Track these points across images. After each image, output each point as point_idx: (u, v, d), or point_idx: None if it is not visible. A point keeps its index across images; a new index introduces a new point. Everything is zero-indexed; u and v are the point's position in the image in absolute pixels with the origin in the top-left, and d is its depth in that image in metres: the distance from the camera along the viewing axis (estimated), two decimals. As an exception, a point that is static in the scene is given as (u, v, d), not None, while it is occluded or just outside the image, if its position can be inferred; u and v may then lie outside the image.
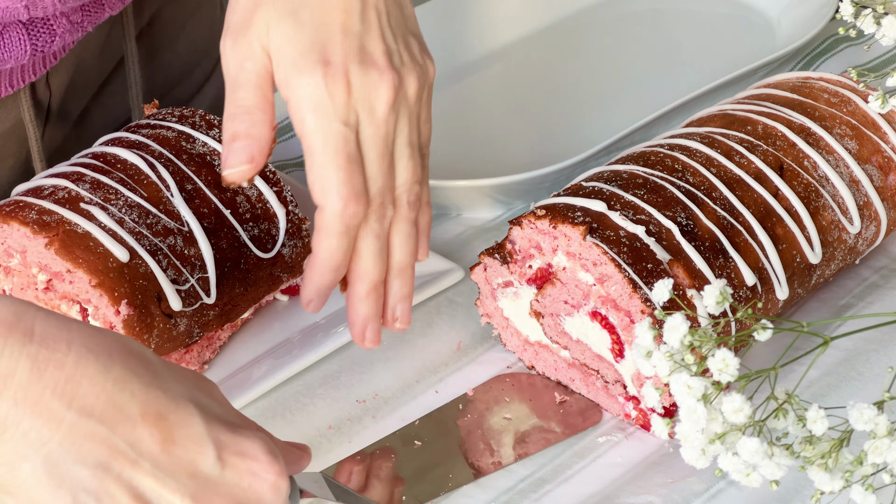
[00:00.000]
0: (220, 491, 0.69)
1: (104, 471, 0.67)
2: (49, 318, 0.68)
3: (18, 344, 0.67)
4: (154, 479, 0.68)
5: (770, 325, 0.70)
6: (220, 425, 0.70)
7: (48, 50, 1.00)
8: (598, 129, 1.14)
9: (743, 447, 0.68)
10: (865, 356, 0.94)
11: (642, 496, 0.86)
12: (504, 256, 0.93)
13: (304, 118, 0.83)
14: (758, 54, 1.17)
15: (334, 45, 0.84)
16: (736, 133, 0.96)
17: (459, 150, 1.15)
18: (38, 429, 0.66)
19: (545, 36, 1.27)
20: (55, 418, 0.67)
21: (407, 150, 0.85)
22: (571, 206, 0.91)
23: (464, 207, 1.09)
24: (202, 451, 0.69)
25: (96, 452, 0.67)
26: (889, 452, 0.68)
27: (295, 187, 1.07)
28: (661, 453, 0.88)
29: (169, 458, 0.68)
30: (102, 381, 0.67)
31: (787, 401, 0.70)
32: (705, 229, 0.90)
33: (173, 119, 0.99)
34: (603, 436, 0.90)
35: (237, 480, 0.70)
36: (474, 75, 1.23)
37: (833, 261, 0.95)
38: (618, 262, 0.87)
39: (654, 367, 0.70)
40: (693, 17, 1.29)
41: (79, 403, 0.67)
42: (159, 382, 0.69)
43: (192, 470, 0.69)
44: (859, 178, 0.96)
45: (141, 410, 0.68)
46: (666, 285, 0.72)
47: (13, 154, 1.07)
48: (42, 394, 0.66)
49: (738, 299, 0.89)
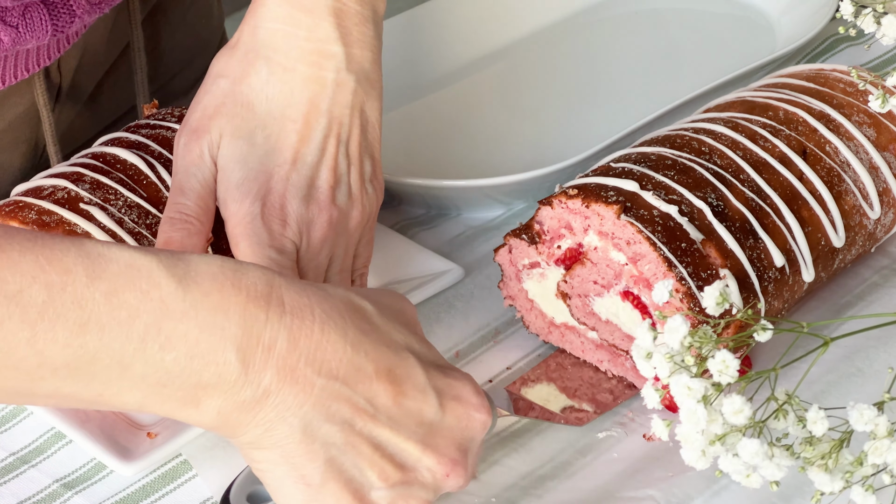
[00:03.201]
0: (443, 434, 0.77)
1: (349, 426, 0.74)
2: (291, 287, 0.74)
3: (276, 316, 0.72)
4: (390, 430, 0.75)
5: (770, 325, 0.70)
6: (435, 371, 0.77)
7: (68, 30, 1.01)
8: (598, 129, 1.14)
9: (743, 448, 0.68)
10: (865, 353, 0.94)
11: (643, 490, 0.86)
12: (532, 237, 0.93)
13: (239, 243, 0.87)
14: (758, 54, 1.17)
15: (280, 176, 0.87)
16: (758, 118, 0.97)
17: (459, 150, 1.15)
18: (296, 394, 0.73)
19: (545, 36, 1.27)
20: (309, 384, 0.73)
21: (339, 275, 0.89)
22: (603, 185, 0.91)
23: (464, 207, 1.09)
24: (426, 401, 0.76)
25: (342, 411, 0.74)
26: (889, 453, 0.68)
27: (295, 187, 1.07)
28: (662, 448, 0.88)
29: (400, 410, 0.75)
30: (343, 346, 0.74)
31: (787, 402, 0.70)
32: (735, 210, 0.90)
33: (173, 119, 0.99)
34: (603, 431, 0.90)
35: (455, 423, 0.77)
36: (474, 75, 1.23)
37: (854, 246, 0.96)
38: (653, 240, 0.87)
39: (654, 368, 0.70)
40: (693, 17, 1.29)
41: (326, 368, 0.73)
42: (383, 337, 0.76)
43: (419, 418, 0.76)
44: (878, 165, 0.97)
45: (374, 368, 0.74)
46: (666, 286, 0.72)
47: (26, 139, 1.08)
48: (297, 362, 0.72)
49: (767, 281, 0.89)
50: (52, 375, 0.70)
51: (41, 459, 0.91)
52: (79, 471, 0.90)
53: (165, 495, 0.88)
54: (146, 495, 0.88)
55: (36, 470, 0.90)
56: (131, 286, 0.70)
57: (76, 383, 0.70)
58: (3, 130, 1.06)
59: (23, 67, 1.02)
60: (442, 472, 0.77)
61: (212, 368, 0.71)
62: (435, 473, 0.77)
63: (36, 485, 0.89)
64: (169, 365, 0.71)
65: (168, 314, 0.70)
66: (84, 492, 0.89)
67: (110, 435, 0.89)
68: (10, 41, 0.97)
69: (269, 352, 0.72)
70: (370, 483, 0.76)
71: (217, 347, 0.71)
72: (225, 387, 0.72)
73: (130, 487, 0.89)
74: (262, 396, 0.72)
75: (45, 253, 0.69)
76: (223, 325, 0.71)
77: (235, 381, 0.71)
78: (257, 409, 0.72)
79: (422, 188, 1.07)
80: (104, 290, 0.70)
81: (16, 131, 1.07)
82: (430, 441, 0.76)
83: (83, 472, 0.90)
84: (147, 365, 0.70)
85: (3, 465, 0.91)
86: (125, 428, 0.91)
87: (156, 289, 0.70)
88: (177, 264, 0.72)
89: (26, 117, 1.07)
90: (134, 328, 0.70)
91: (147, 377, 0.71)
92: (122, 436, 0.90)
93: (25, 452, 0.92)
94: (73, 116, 1.12)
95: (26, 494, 0.89)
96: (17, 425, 0.93)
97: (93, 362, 0.70)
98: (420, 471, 0.77)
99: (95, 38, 1.10)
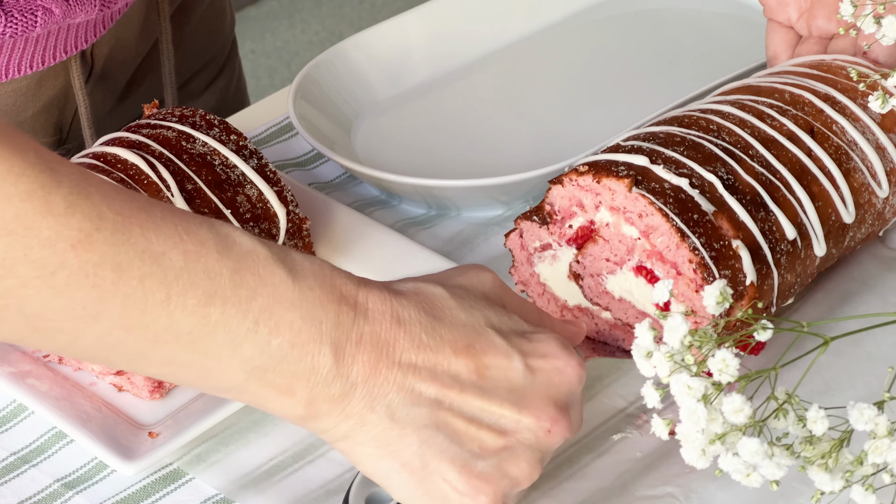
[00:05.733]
0: (537, 394, 0.78)
1: (437, 404, 0.77)
2: (371, 289, 0.77)
3: (362, 315, 0.76)
4: (480, 400, 0.77)
5: (770, 325, 0.70)
6: (516, 337, 0.79)
7: (114, 7, 1.03)
8: (598, 129, 1.14)
9: (743, 447, 0.68)
10: (873, 336, 0.94)
11: (661, 488, 0.86)
12: (543, 217, 0.93)
13: None
14: (758, 54, 1.17)
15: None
16: (765, 99, 0.97)
17: (459, 150, 1.16)
18: (380, 384, 0.76)
19: (545, 36, 1.27)
20: (390, 372, 0.76)
21: None
22: (613, 161, 0.91)
23: (464, 207, 1.09)
24: (511, 367, 0.78)
25: (428, 391, 0.76)
26: (889, 452, 0.68)
27: (295, 187, 1.07)
28: (673, 444, 0.88)
29: (487, 381, 0.77)
30: (418, 334, 0.77)
31: (787, 401, 0.70)
32: (745, 184, 0.91)
33: (173, 119, 0.99)
34: (618, 433, 0.90)
35: (548, 381, 0.79)
36: (474, 75, 1.23)
37: (864, 224, 0.96)
38: (665, 211, 0.87)
39: (655, 367, 0.70)
40: (693, 17, 1.29)
41: (406, 357, 0.76)
42: (457, 318, 0.78)
43: (509, 385, 0.78)
44: (885, 146, 0.97)
45: (452, 347, 0.77)
46: (666, 286, 0.72)
47: (53, 123, 1.10)
48: (380, 356, 0.76)
49: (779, 253, 0.90)
50: (174, 341, 0.73)
51: (42, 459, 0.91)
52: (80, 470, 0.90)
53: (166, 495, 0.88)
54: (147, 495, 0.88)
55: (37, 469, 0.90)
56: (252, 269, 0.74)
57: (192, 353, 0.73)
58: (37, 113, 1.07)
59: (62, 49, 1.03)
60: (543, 430, 0.78)
61: (308, 359, 0.74)
62: (536, 432, 0.78)
63: (37, 484, 0.89)
64: (274, 350, 0.74)
65: (279, 301, 0.74)
66: (85, 491, 0.89)
67: (112, 435, 0.89)
68: (60, 13, 0.98)
69: (356, 346, 0.75)
70: (473, 454, 0.77)
71: (315, 339, 0.74)
72: (317, 378, 0.75)
73: (131, 487, 0.89)
74: (350, 388, 0.75)
75: (182, 224, 0.73)
76: (322, 318, 0.75)
77: (327, 374, 0.75)
78: (345, 401, 0.75)
79: (422, 188, 1.07)
80: (230, 267, 0.73)
81: (48, 114, 1.08)
82: (524, 403, 0.78)
83: (84, 471, 0.90)
84: (255, 346, 0.74)
85: (4, 465, 0.91)
86: (126, 428, 0.91)
87: (271, 275, 0.74)
88: (286, 258, 0.75)
89: (57, 101, 1.08)
90: (251, 308, 0.73)
91: (253, 359, 0.74)
92: (124, 435, 0.90)
93: (26, 452, 0.92)
94: (100, 110, 1.13)
95: (27, 494, 0.89)
96: (18, 425, 0.93)
97: (211, 335, 0.73)
98: (521, 432, 0.78)
99: (127, 31, 1.11)
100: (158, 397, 0.93)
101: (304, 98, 1.14)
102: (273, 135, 1.17)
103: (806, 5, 1.07)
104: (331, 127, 1.15)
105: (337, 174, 1.14)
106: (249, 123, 1.18)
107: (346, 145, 1.14)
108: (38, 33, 1.01)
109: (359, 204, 1.10)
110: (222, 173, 0.96)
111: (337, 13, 3.09)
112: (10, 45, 1.02)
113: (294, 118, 1.11)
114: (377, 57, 1.21)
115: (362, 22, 3.03)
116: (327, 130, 1.14)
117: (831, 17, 1.06)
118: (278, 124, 1.18)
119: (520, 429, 0.78)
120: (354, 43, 1.20)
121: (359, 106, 1.19)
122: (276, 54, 2.98)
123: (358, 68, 1.20)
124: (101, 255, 0.70)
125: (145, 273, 0.71)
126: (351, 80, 1.19)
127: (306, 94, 1.14)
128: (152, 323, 0.72)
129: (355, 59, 1.20)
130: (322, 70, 1.17)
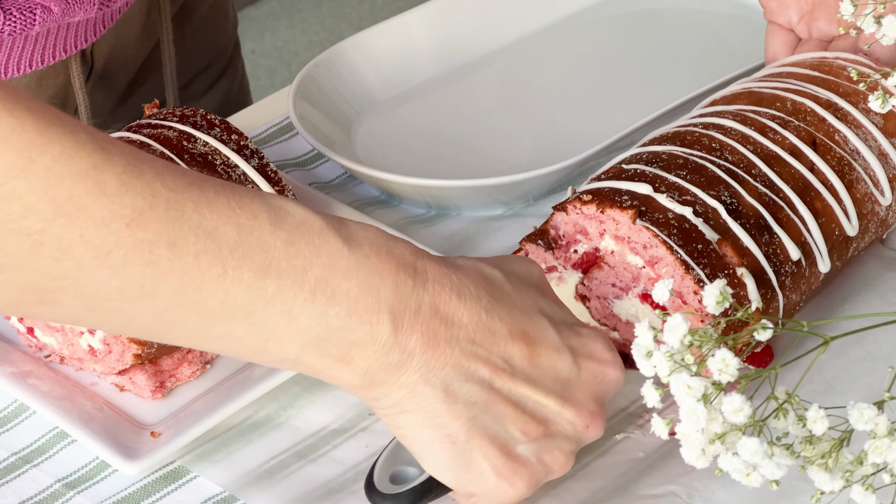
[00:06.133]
0: (580, 389, 0.80)
1: (488, 385, 0.77)
2: (432, 259, 0.77)
3: (421, 284, 0.76)
4: (528, 387, 0.78)
5: (770, 325, 0.70)
6: (566, 330, 0.80)
7: (113, 6, 1.03)
8: (598, 129, 1.14)
9: (743, 447, 0.68)
10: (873, 336, 0.94)
11: (663, 486, 0.86)
12: (548, 242, 0.93)
13: None
14: (758, 54, 1.17)
15: None
16: (766, 110, 0.97)
17: (459, 150, 1.16)
18: (437, 357, 0.76)
19: (545, 36, 1.27)
20: (449, 347, 0.76)
21: None
22: (617, 189, 0.91)
23: (464, 207, 1.09)
24: (561, 359, 0.79)
25: (481, 371, 0.77)
26: (889, 452, 0.68)
27: (296, 187, 1.07)
28: (675, 443, 0.88)
29: (536, 369, 0.78)
30: (478, 312, 0.77)
31: (787, 401, 0.70)
32: (749, 207, 0.91)
33: (174, 119, 0.99)
34: (620, 434, 0.90)
35: (591, 378, 0.80)
36: (474, 75, 1.23)
37: (867, 234, 0.96)
38: (669, 244, 0.88)
39: (654, 367, 0.70)
40: (693, 17, 1.29)
41: (464, 333, 0.76)
42: (515, 302, 0.79)
43: (555, 375, 0.79)
44: (887, 152, 0.97)
45: (509, 331, 0.78)
46: (666, 285, 0.72)
47: None
48: (439, 327, 0.76)
49: (784, 275, 0.90)
50: (231, 316, 0.73)
51: (43, 459, 0.91)
52: (81, 470, 0.90)
53: (167, 495, 0.88)
54: (147, 495, 0.88)
55: (38, 469, 0.90)
56: (306, 239, 0.74)
57: (248, 326, 0.73)
58: None
59: (61, 48, 1.03)
60: (582, 424, 0.80)
61: (366, 328, 0.74)
62: (575, 425, 0.79)
63: (38, 484, 0.90)
64: (331, 319, 0.74)
65: (335, 270, 0.74)
66: (86, 491, 0.89)
67: (113, 434, 0.89)
68: (59, 12, 0.98)
69: (415, 316, 0.75)
70: (514, 438, 0.78)
71: (373, 308, 0.74)
72: (376, 346, 0.75)
73: (132, 487, 0.89)
74: (407, 358, 0.76)
75: (235, 197, 0.73)
76: (379, 287, 0.75)
77: (385, 342, 0.75)
78: (401, 370, 0.76)
79: (422, 188, 1.07)
80: (284, 238, 0.73)
81: None
82: (568, 395, 0.79)
83: (85, 471, 0.90)
84: (312, 317, 0.74)
85: (5, 465, 0.91)
86: (129, 428, 0.91)
87: (326, 244, 0.74)
88: (340, 227, 0.75)
89: (57, 101, 1.08)
90: (307, 279, 0.73)
91: (310, 329, 0.74)
92: (126, 435, 0.90)
93: (27, 452, 0.92)
94: (101, 109, 1.13)
95: (28, 494, 0.89)
96: (19, 425, 0.93)
97: (267, 307, 0.73)
98: (561, 423, 0.79)
99: (128, 31, 1.11)
100: (160, 397, 0.93)
101: (305, 98, 1.14)
102: (273, 135, 1.17)
103: (807, 8, 1.07)
104: (331, 127, 1.15)
105: (337, 174, 1.14)
106: (249, 123, 1.18)
107: (346, 145, 1.15)
108: (37, 31, 1.01)
109: (359, 204, 1.10)
110: (224, 173, 0.96)
111: (337, 13, 3.09)
112: (10, 44, 1.02)
113: (294, 118, 1.11)
114: (377, 57, 1.21)
115: (362, 22, 3.03)
116: (327, 130, 1.14)
117: (832, 20, 1.06)
118: (278, 124, 1.18)
119: (560, 420, 0.79)
120: (354, 43, 1.20)
121: (359, 106, 1.19)
122: (276, 54, 2.98)
123: (358, 68, 1.20)
124: (155, 232, 0.70)
125: (200, 248, 0.71)
126: (351, 80, 1.19)
127: (306, 94, 1.14)
128: (208, 298, 0.72)
129: (355, 59, 1.20)
130: (322, 70, 1.17)
